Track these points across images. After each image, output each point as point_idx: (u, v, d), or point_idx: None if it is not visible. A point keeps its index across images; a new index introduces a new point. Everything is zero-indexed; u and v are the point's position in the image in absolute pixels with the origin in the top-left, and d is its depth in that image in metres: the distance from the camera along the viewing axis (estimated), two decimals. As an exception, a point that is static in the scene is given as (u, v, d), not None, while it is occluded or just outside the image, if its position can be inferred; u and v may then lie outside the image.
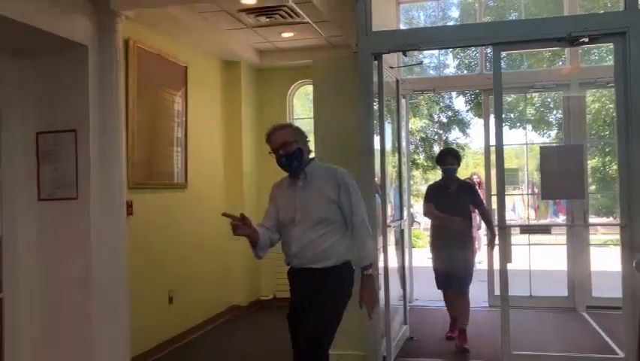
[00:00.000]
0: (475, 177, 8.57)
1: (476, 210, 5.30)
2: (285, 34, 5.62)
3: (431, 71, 9.79)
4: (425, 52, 6.11)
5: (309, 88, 6.71)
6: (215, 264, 5.99)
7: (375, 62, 4.10)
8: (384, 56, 4.15)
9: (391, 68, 4.75)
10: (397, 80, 5.14)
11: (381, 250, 4.12)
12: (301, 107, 7.49)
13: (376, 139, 4.15)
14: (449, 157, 4.92)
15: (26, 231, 3.73)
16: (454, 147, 13.46)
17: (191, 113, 5.45)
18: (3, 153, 3.69)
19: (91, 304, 3.67)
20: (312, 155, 3.10)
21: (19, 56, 3.69)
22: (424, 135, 15.90)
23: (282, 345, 5.08)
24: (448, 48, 10.38)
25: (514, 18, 9.66)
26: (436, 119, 16.36)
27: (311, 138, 3.23)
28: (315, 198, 2.91)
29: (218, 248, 5.99)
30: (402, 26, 6.67)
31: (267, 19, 5.08)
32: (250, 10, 4.79)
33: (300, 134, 2.99)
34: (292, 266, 3.01)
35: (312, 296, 2.87)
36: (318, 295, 2.86)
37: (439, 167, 5.09)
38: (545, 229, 6.99)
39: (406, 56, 4.62)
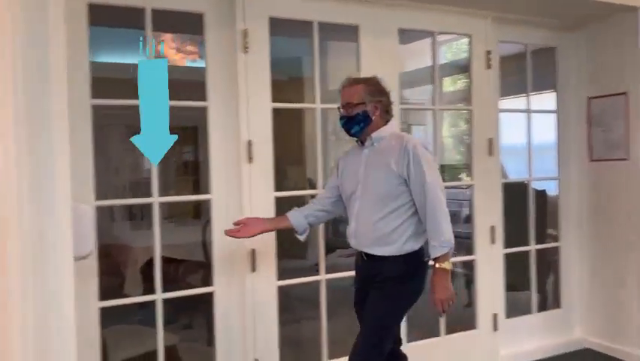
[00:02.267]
0: None
1: None
2: None
3: None
4: None
5: None
6: None
7: None
8: None
9: None
10: None
11: None
12: None
13: None
14: None
15: (580, 190, 4.08)
16: None
17: None
18: (560, 118, 4.11)
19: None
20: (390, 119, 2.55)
21: (574, 29, 4.00)
22: None
23: None
24: None
25: None
26: None
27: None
28: (379, 171, 2.43)
29: None
30: None
31: None
32: None
33: (374, 94, 2.48)
34: (352, 247, 2.60)
35: (369, 289, 2.49)
36: (374, 290, 2.46)
37: None
38: None
39: None
